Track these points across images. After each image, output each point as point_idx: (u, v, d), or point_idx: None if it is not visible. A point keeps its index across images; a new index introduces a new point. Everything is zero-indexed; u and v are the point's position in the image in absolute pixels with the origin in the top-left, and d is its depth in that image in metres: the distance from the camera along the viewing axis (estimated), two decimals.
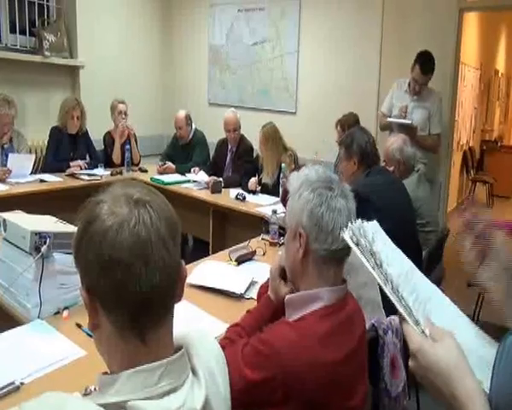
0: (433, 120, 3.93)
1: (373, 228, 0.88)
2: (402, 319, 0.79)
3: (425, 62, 3.81)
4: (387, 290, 0.78)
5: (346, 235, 0.83)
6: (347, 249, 1.26)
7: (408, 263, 0.88)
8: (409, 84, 3.98)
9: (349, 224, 0.86)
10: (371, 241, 0.82)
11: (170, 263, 0.76)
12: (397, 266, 0.83)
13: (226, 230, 3.96)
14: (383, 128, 4.13)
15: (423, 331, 0.77)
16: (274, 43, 5.24)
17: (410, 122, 3.82)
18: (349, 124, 3.94)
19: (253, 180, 4.06)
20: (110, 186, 0.80)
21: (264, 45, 5.32)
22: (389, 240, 0.92)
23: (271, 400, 1.17)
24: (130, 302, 0.73)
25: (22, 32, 4.87)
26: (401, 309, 0.77)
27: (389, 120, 3.98)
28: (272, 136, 4.01)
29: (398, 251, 0.90)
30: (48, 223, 1.97)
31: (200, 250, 3.29)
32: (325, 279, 1.26)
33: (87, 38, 5.19)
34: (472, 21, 6.69)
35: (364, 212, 1.83)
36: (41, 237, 1.75)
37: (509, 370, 0.69)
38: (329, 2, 4.79)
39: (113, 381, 0.74)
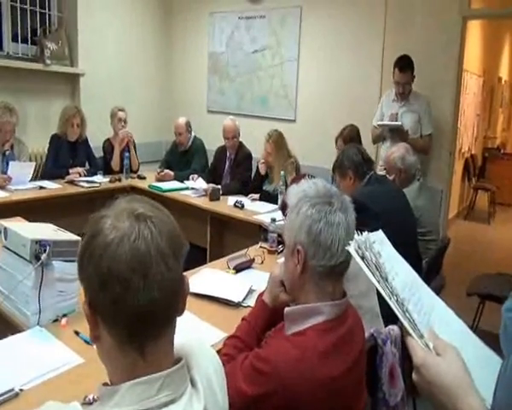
0: (423, 121, 4.00)
1: (378, 239, 0.88)
2: (406, 333, 0.78)
3: (401, 62, 3.93)
4: (392, 304, 0.78)
5: (351, 248, 0.82)
6: (346, 263, 1.26)
7: (412, 274, 0.88)
8: (395, 95, 4.07)
9: (355, 236, 0.85)
10: (377, 254, 0.81)
11: (169, 278, 0.76)
12: (402, 277, 0.83)
13: (224, 237, 3.96)
14: (375, 140, 4.17)
15: (427, 345, 0.76)
16: (274, 51, 5.26)
17: (399, 123, 3.89)
18: (350, 137, 3.93)
19: (254, 196, 4.06)
20: (115, 201, 0.82)
21: (265, 53, 5.34)
22: (394, 250, 0.92)
23: None
24: (128, 316, 0.74)
25: (24, 41, 4.91)
26: (405, 323, 0.77)
27: (379, 123, 4.02)
28: (281, 144, 4.04)
29: (403, 261, 0.90)
30: (47, 231, 1.98)
31: (198, 258, 3.29)
32: (324, 294, 1.25)
33: (88, 46, 5.22)
34: (475, 28, 6.69)
35: (363, 220, 1.83)
36: (41, 245, 1.76)
37: (510, 385, 0.69)
38: (330, 10, 4.80)
39: (112, 393, 0.75)
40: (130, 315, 0.74)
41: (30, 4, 4.84)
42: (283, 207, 2.83)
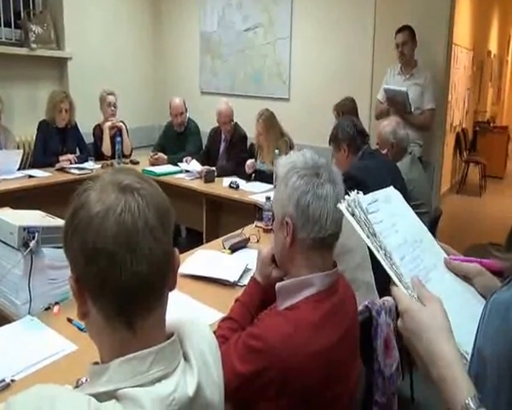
0: (426, 95, 3.99)
1: (383, 196, 0.91)
2: (393, 284, 0.81)
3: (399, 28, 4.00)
4: (380, 257, 0.81)
5: (342, 206, 0.86)
6: (335, 235, 1.27)
7: (418, 232, 0.91)
8: (400, 68, 4.07)
9: (346, 196, 0.88)
10: (365, 211, 0.85)
11: (158, 252, 0.74)
12: (402, 233, 0.87)
13: (220, 219, 3.94)
14: (379, 116, 4.14)
15: (413, 296, 0.78)
16: (266, 29, 5.18)
17: (405, 90, 3.86)
18: (344, 110, 3.93)
19: (251, 161, 4.05)
20: (100, 174, 0.79)
21: (257, 31, 5.25)
22: (404, 208, 0.95)
23: (264, 394, 1.17)
24: (115, 291, 0.72)
25: (7, 25, 4.78)
26: (392, 273, 0.80)
27: (385, 87, 4.00)
28: (271, 124, 4.01)
29: (411, 219, 0.94)
30: (36, 218, 1.95)
31: (194, 241, 3.27)
32: (314, 266, 1.26)
33: (74, 28, 5.09)
34: (464, 2, 6.65)
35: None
36: (29, 232, 1.73)
37: (490, 329, 0.70)
38: None
39: (103, 370, 0.74)
40: (118, 290, 0.72)
41: None
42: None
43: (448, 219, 3.30)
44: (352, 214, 0.84)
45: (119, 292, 0.72)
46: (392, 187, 0.96)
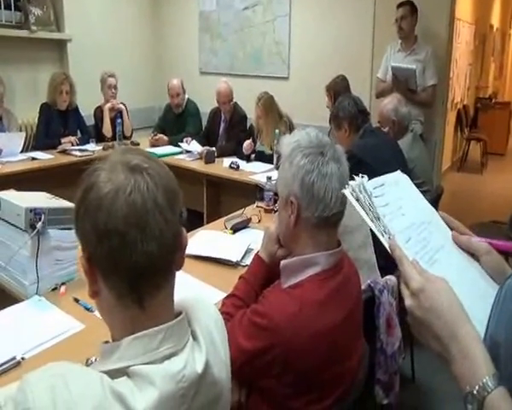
0: (428, 71, 3.96)
1: (390, 181, 0.91)
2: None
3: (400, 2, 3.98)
4: (384, 241, 0.80)
5: (347, 192, 0.85)
6: (340, 214, 1.26)
7: (426, 215, 0.91)
8: (401, 44, 4.05)
9: (350, 182, 0.88)
10: (370, 195, 0.85)
11: (167, 231, 0.76)
12: (408, 217, 0.86)
13: (221, 199, 3.96)
14: (380, 94, 4.10)
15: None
16: (265, 7, 5.14)
17: (414, 67, 3.83)
18: (336, 90, 3.90)
19: (248, 142, 4.05)
20: (109, 153, 0.80)
21: (256, 9, 5.21)
22: (412, 191, 0.95)
23: (268, 372, 1.18)
24: (127, 270, 0.74)
25: (7, 7, 4.74)
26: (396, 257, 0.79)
27: (393, 65, 3.96)
28: (271, 107, 4.00)
29: (418, 203, 0.93)
30: (42, 199, 1.95)
31: (195, 222, 3.28)
32: (319, 244, 1.26)
33: (74, 10, 5.07)
34: None
35: (359, 173, 1.82)
36: (36, 213, 1.74)
37: (504, 314, 0.69)
38: None
39: (114, 348, 0.76)
40: (129, 268, 0.74)
41: None
42: (278, 159, 2.82)
43: (449, 196, 3.31)
44: (357, 199, 0.84)
45: (130, 270, 0.74)
46: (399, 171, 0.95)
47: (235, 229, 2.47)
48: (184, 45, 5.88)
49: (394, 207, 0.86)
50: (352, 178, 0.89)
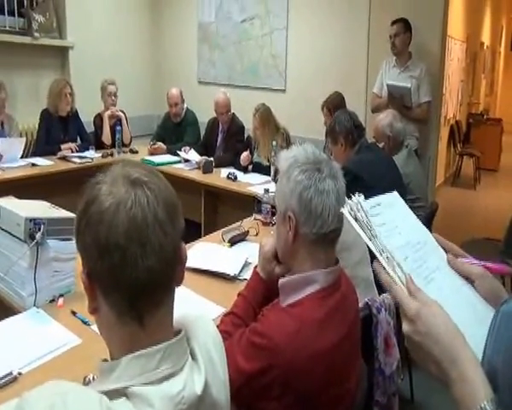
0: (422, 88, 4.00)
1: (385, 202, 0.91)
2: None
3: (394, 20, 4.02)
4: (382, 260, 0.80)
5: (345, 210, 0.86)
6: (338, 231, 1.26)
7: (422, 235, 0.91)
8: (395, 61, 4.09)
9: (348, 200, 0.88)
10: (367, 214, 0.85)
11: (167, 246, 0.76)
12: (405, 236, 0.86)
13: (218, 210, 3.97)
14: (375, 109, 4.14)
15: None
16: (263, 20, 5.18)
17: (409, 86, 3.88)
18: (335, 105, 3.91)
19: (246, 154, 4.06)
20: (110, 166, 0.80)
21: (253, 22, 5.25)
22: (406, 212, 0.95)
23: (267, 393, 1.16)
24: (127, 286, 0.73)
25: (10, 13, 4.78)
26: (395, 276, 0.79)
27: (389, 83, 3.99)
28: (268, 119, 4.02)
29: (414, 223, 0.93)
30: (41, 208, 1.94)
31: (192, 232, 3.28)
32: (317, 261, 1.26)
33: (76, 17, 5.11)
34: None
35: (355, 190, 1.83)
36: (35, 223, 1.72)
37: (501, 340, 0.69)
38: None
39: (113, 367, 0.75)
40: (129, 284, 0.73)
41: None
42: (275, 174, 2.83)
43: (442, 211, 3.33)
44: (355, 218, 0.84)
45: (130, 286, 0.73)
46: (395, 192, 0.95)
47: (233, 242, 2.47)
48: (183, 55, 5.91)
49: (391, 226, 0.86)
50: (349, 196, 0.90)
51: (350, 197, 0.90)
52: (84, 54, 5.17)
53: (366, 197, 0.93)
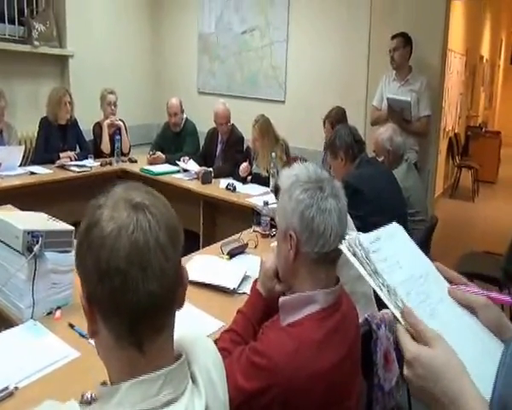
0: (422, 102, 4.00)
1: (386, 234, 0.90)
2: (397, 322, 0.78)
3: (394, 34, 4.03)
4: (383, 295, 0.79)
5: (343, 247, 0.85)
6: (339, 250, 1.24)
7: (424, 267, 0.89)
8: (395, 74, 4.11)
9: (346, 236, 0.87)
10: (367, 251, 0.84)
11: (169, 270, 0.75)
12: (406, 269, 0.85)
13: (216, 221, 3.96)
14: (374, 122, 4.15)
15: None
16: (263, 32, 5.20)
17: (409, 100, 3.88)
18: (337, 119, 3.91)
19: (245, 165, 4.06)
20: (112, 189, 0.80)
21: (254, 34, 5.27)
22: (407, 243, 0.93)
23: None
24: (127, 310, 0.73)
25: (11, 22, 4.80)
26: (396, 312, 0.78)
27: (389, 96, 4.00)
28: (267, 130, 4.02)
29: (415, 255, 0.92)
30: (40, 221, 1.94)
31: (190, 242, 3.28)
32: (318, 281, 1.25)
33: (76, 26, 5.13)
34: (457, 7, 6.70)
35: (355, 204, 1.82)
36: (33, 236, 1.72)
37: (510, 375, 0.69)
38: None
39: (112, 393, 0.74)
40: (130, 309, 0.72)
41: None
42: (276, 190, 2.83)
43: (441, 223, 3.33)
44: (354, 254, 0.83)
45: (131, 311, 0.72)
46: (395, 223, 0.94)
47: (232, 254, 2.46)
48: (183, 65, 5.93)
49: (392, 262, 0.85)
50: (350, 214, 0.89)
51: (351, 215, 0.89)
52: (83, 63, 5.18)
53: (366, 210, 0.92)
